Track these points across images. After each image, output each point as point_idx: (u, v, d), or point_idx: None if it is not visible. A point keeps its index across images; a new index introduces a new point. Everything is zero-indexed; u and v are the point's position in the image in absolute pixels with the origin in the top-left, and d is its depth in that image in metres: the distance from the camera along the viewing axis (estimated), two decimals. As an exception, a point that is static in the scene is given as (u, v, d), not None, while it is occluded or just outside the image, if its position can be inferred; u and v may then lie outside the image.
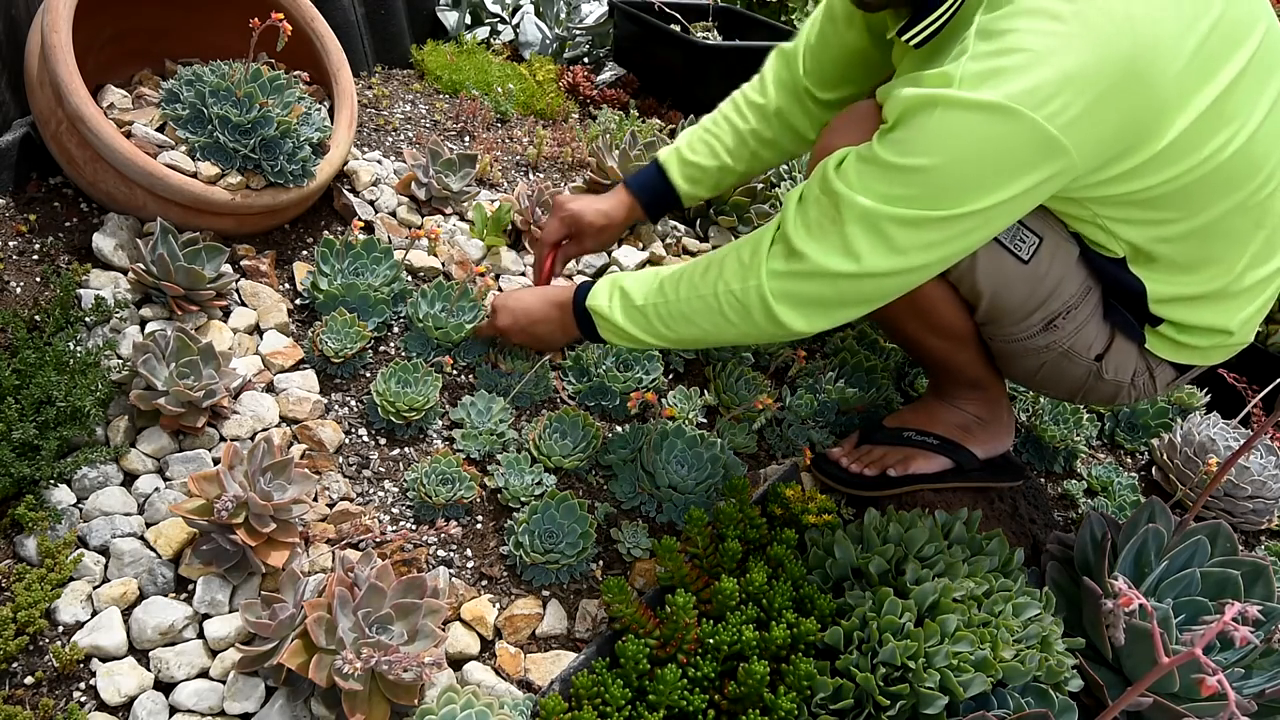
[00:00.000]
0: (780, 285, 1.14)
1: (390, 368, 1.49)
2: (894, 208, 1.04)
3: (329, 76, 1.77)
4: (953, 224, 1.04)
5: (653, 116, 2.59)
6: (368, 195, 1.87)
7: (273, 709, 1.07)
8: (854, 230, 1.07)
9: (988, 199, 1.02)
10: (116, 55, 1.67)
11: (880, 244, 1.06)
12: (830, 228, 1.09)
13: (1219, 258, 1.19)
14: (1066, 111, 0.96)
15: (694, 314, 1.23)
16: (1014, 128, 0.97)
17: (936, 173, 1.01)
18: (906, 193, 1.03)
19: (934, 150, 1.01)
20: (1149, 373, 1.36)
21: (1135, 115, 1.00)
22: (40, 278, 1.42)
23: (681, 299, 1.23)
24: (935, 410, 1.58)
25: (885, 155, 1.04)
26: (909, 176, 1.03)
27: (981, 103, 0.97)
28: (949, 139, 1.00)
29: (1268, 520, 1.88)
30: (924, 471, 1.55)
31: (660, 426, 1.52)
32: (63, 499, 1.20)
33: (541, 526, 1.35)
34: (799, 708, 1.10)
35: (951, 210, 1.03)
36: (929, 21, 1.11)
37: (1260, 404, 1.98)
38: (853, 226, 1.06)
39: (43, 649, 1.08)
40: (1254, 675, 1.30)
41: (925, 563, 1.30)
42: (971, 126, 0.98)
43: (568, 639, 1.30)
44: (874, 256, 1.07)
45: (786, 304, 1.14)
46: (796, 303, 1.14)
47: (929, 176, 1.02)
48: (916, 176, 1.02)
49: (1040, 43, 0.96)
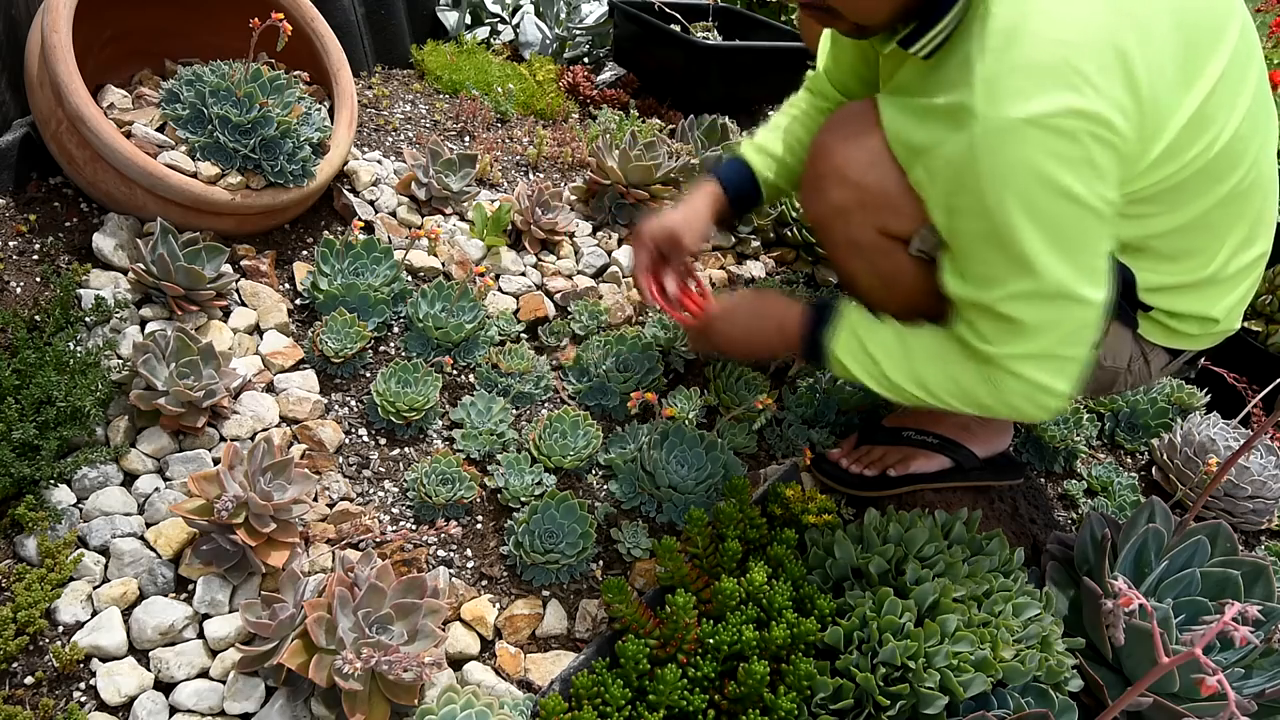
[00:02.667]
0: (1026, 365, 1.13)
1: (390, 368, 1.49)
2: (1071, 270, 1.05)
3: (329, 76, 1.77)
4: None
5: (653, 116, 2.59)
6: (368, 195, 1.87)
7: (273, 709, 1.07)
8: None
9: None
10: (116, 55, 1.67)
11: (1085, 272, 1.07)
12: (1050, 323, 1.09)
13: (1203, 248, 1.21)
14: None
15: (941, 395, 1.23)
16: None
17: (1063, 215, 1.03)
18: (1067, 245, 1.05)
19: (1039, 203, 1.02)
20: (1144, 358, 1.36)
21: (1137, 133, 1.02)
22: (40, 278, 1.42)
23: (931, 383, 1.22)
24: (935, 409, 1.58)
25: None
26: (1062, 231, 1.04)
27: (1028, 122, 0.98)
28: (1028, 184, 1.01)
29: (1268, 520, 1.88)
30: (924, 471, 1.55)
31: (660, 426, 1.52)
32: (63, 499, 1.20)
33: (541, 526, 1.35)
34: (799, 708, 1.10)
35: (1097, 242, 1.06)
36: (938, 31, 1.10)
37: (1260, 404, 1.98)
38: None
39: (43, 649, 1.08)
40: (1254, 675, 1.30)
41: (925, 563, 1.30)
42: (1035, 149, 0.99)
43: (568, 639, 1.30)
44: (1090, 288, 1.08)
45: (1039, 369, 1.13)
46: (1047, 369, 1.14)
47: (1069, 223, 1.03)
48: (1067, 226, 1.03)
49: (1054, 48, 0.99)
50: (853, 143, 1.24)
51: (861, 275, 1.37)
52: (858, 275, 1.38)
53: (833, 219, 1.32)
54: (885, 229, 1.27)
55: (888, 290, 1.36)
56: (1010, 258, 1.05)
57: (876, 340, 1.26)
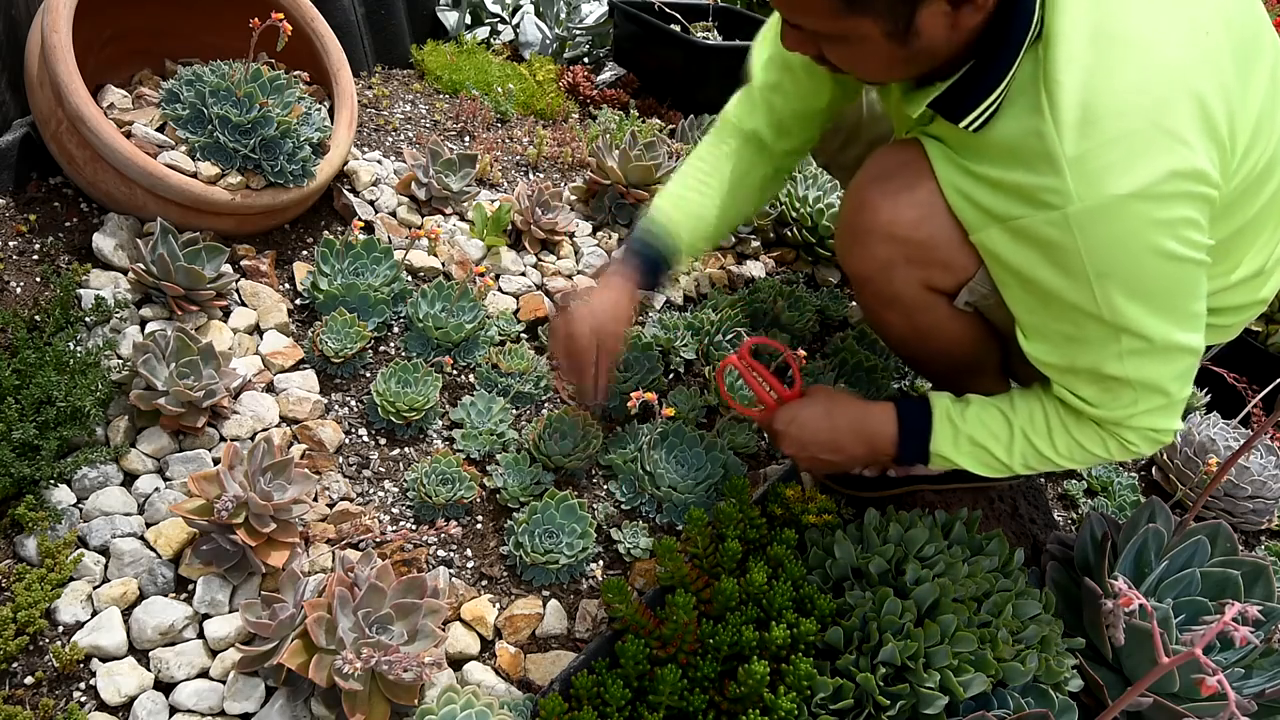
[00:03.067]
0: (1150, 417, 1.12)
1: (390, 367, 1.49)
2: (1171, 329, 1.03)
3: (329, 76, 1.77)
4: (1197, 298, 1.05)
5: (653, 116, 2.59)
6: (368, 195, 1.87)
7: (273, 709, 1.07)
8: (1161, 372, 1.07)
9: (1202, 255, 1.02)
10: (116, 55, 1.67)
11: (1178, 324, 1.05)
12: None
13: (1249, 244, 1.18)
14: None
15: (1061, 463, 1.21)
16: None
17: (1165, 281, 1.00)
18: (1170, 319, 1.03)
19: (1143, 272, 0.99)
20: None
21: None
22: (40, 278, 1.42)
23: (1050, 454, 1.20)
24: None
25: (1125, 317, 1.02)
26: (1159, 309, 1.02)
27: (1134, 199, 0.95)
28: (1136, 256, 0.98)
29: (1268, 520, 1.88)
30: (924, 472, 1.55)
31: (660, 426, 1.52)
32: (63, 499, 1.20)
33: (541, 526, 1.35)
34: (799, 708, 1.10)
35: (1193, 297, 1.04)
36: (991, 102, 1.00)
37: (1260, 404, 1.98)
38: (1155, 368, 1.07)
39: (43, 649, 1.08)
40: (1254, 675, 1.30)
41: (925, 563, 1.29)
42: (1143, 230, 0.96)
43: (568, 639, 1.30)
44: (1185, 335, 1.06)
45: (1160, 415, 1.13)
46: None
47: (1166, 288, 1.01)
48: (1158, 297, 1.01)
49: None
50: (903, 197, 1.15)
51: (896, 327, 1.33)
52: (891, 326, 1.33)
53: (875, 274, 1.24)
54: (931, 284, 1.21)
55: (922, 343, 1.32)
56: (1107, 325, 1.03)
57: (981, 427, 1.22)
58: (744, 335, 1.77)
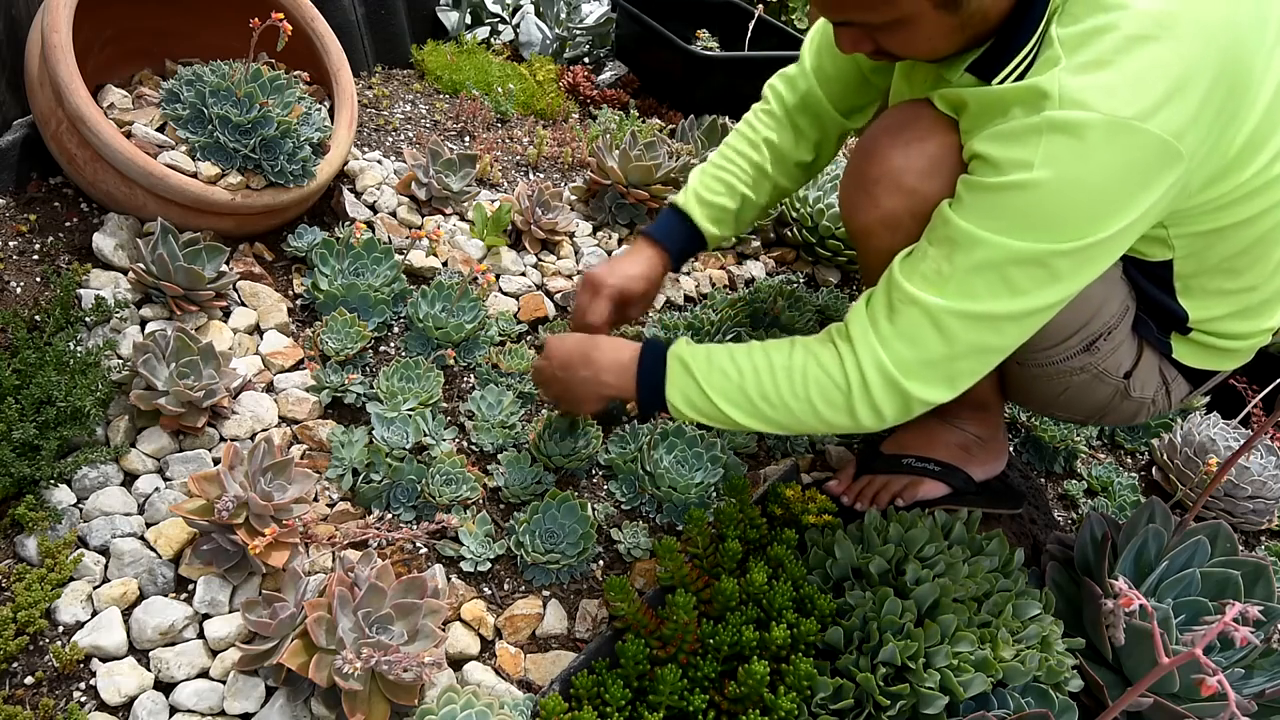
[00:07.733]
0: (895, 350, 1.06)
1: (392, 366, 1.49)
2: (1016, 241, 0.97)
3: (329, 76, 1.77)
4: (1076, 256, 0.98)
5: (653, 116, 2.59)
6: (368, 195, 1.87)
7: (273, 709, 1.07)
8: (973, 277, 1.00)
9: (1114, 223, 0.96)
10: (116, 55, 1.67)
11: (1001, 287, 0.99)
12: (948, 272, 1.01)
13: (1258, 268, 1.16)
14: (1177, 118, 0.91)
15: (785, 400, 1.13)
16: (1134, 142, 0.91)
17: (1057, 202, 0.94)
18: (1026, 229, 0.97)
19: (1052, 179, 0.93)
20: (1165, 388, 1.33)
21: (1226, 111, 0.96)
22: (40, 278, 1.42)
23: (779, 389, 1.13)
24: (934, 430, 1.53)
25: (995, 190, 0.97)
26: (1027, 212, 0.96)
27: (1097, 121, 0.91)
28: (1067, 164, 0.93)
29: (1268, 520, 1.88)
30: (929, 498, 1.51)
31: (660, 426, 1.52)
32: (63, 499, 1.20)
33: (542, 526, 1.35)
34: (799, 708, 1.10)
35: (1076, 242, 0.96)
36: (1022, 58, 0.99)
37: (1260, 404, 1.98)
38: (970, 273, 1.00)
39: (43, 649, 1.08)
40: (1254, 675, 1.30)
41: (925, 563, 1.30)
42: (1091, 148, 0.92)
43: (568, 639, 1.30)
44: (993, 301, 1.00)
45: (904, 371, 1.06)
46: (913, 369, 1.05)
47: (1049, 208, 0.95)
48: (1036, 210, 0.95)
49: (1140, 50, 0.91)
50: (915, 147, 1.12)
51: None
52: None
53: (879, 229, 1.20)
54: None
55: None
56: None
57: (714, 349, 1.17)
58: (744, 335, 1.77)
